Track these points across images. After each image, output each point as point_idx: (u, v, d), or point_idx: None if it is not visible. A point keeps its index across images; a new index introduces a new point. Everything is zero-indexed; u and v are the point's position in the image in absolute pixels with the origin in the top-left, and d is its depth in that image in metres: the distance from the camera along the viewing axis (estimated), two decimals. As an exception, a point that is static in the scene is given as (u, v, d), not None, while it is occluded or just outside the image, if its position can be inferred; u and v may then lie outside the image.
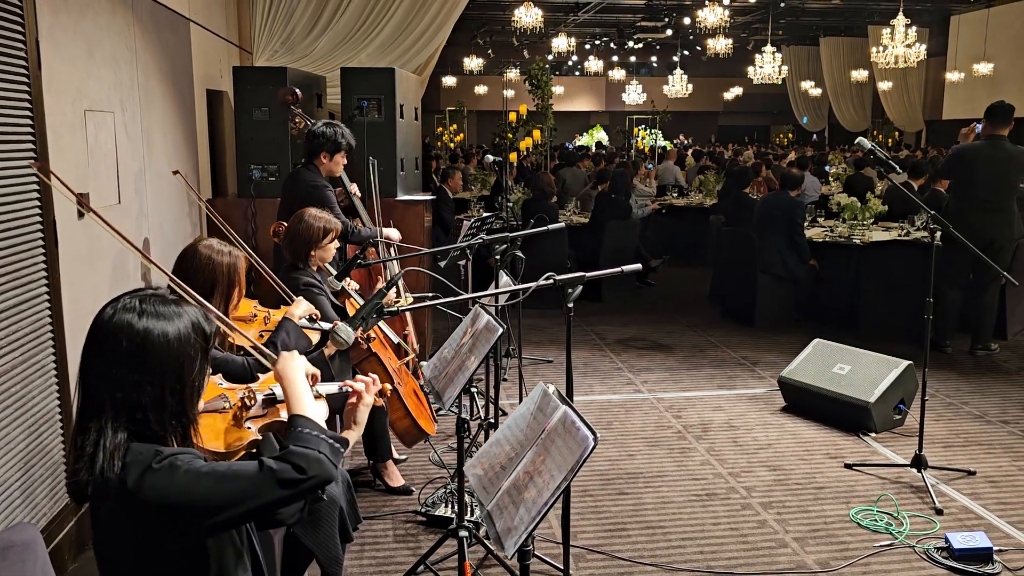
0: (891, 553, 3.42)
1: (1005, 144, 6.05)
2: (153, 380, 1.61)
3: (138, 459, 1.58)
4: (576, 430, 1.94)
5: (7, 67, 2.93)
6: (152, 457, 1.58)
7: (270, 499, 1.62)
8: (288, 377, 1.88)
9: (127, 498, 1.56)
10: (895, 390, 4.73)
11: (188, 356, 1.66)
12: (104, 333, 1.63)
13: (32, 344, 3.04)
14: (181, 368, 1.65)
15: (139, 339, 1.61)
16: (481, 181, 11.51)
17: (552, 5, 17.80)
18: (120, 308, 1.65)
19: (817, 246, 7.10)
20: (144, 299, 1.66)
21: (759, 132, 31.07)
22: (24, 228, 3.02)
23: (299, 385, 1.87)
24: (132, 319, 1.62)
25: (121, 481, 1.56)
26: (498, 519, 2.01)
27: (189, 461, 1.60)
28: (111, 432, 1.58)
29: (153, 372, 1.62)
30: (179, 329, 1.65)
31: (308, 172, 4.52)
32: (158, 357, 1.62)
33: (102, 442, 1.58)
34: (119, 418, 1.60)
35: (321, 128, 4.54)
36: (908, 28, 14.51)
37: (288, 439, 1.73)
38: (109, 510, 1.60)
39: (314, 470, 1.64)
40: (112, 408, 1.60)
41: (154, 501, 1.55)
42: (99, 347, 1.63)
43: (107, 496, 1.58)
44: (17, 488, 2.87)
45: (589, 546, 3.49)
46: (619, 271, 2.46)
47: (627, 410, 5.15)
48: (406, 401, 3.83)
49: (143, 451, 1.59)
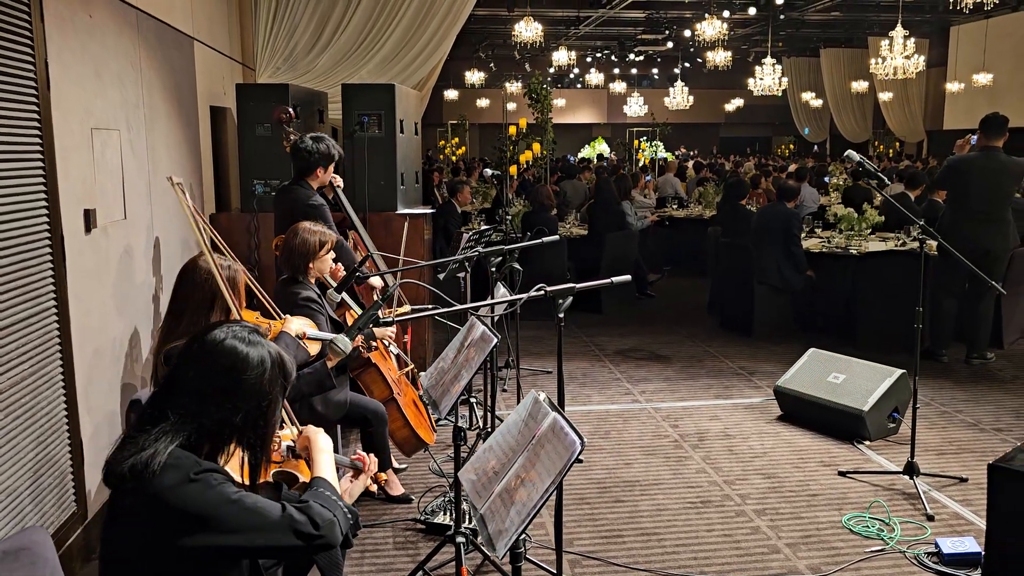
0: (882, 558, 3.48)
1: (999, 155, 6.13)
2: (241, 406, 1.74)
3: (179, 463, 1.67)
4: (564, 435, 2.01)
5: (17, 88, 3.03)
6: (192, 467, 1.68)
7: (282, 544, 1.73)
8: (318, 447, 2.07)
9: (154, 497, 1.64)
10: (889, 398, 4.80)
11: (275, 393, 1.80)
12: (210, 350, 1.75)
13: (40, 356, 3.13)
14: (269, 404, 1.79)
15: (241, 366, 1.74)
16: (483, 194, 11.61)
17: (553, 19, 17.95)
18: (231, 335, 1.78)
19: (814, 256, 7.17)
20: (252, 331, 1.81)
21: (761, 143, 31.18)
22: (33, 243, 3.12)
23: (326, 455, 2.06)
24: (239, 346, 1.76)
25: (156, 480, 1.64)
26: (490, 522, 2.08)
27: (223, 482, 1.70)
28: (172, 437, 1.69)
29: (243, 399, 1.74)
30: (269, 367, 1.79)
31: (302, 190, 4.52)
32: (251, 386, 1.75)
33: (160, 443, 1.67)
34: (186, 428, 1.70)
35: (308, 143, 4.53)
36: (907, 39, 14.61)
37: (310, 495, 1.86)
38: (132, 503, 1.67)
39: (326, 531, 1.78)
40: (189, 418, 1.71)
41: (179, 508, 1.64)
42: (201, 361, 1.75)
43: (136, 490, 1.65)
44: (27, 495, 2.95)
45: (585, 552, 3.55)
46: (609, 282, 2.54)
47: (625, 420, 5.22)
48: (405, 411, 3.90)
49: (184, 458, 1.69)
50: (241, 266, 2.90)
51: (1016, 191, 6.41)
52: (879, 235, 7.61)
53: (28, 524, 2.91)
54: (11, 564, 1.80)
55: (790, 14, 17.40)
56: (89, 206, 3.62)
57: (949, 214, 6.37)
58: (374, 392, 3.93)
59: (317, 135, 4.64)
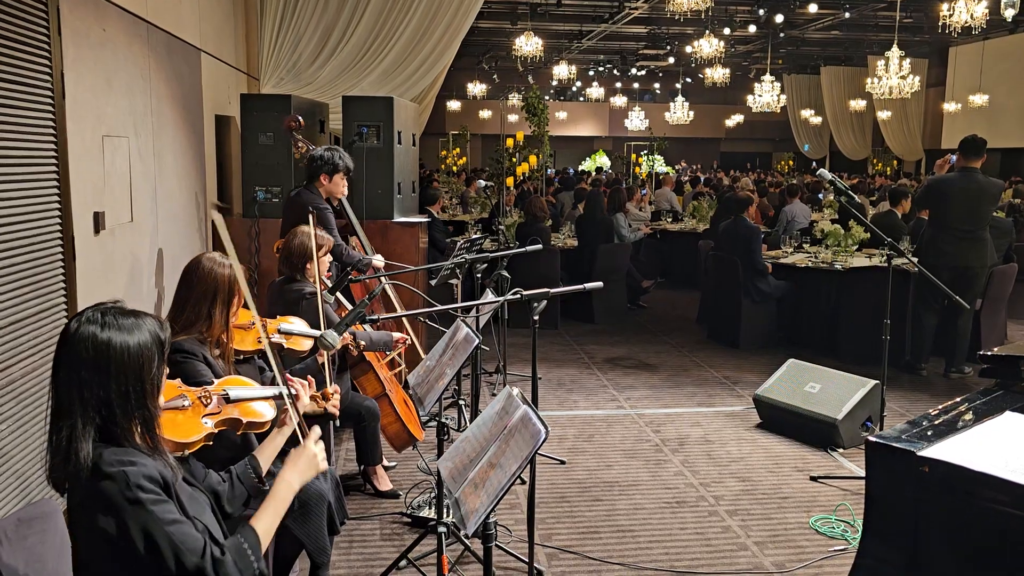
0: (844, 557, 3.66)
1: (977, 176, 6.33)
2: (116, 380, 1.82)
3: (112, 473, 1.75)
4: (532, 425, 2.20)
5: (35, 97, 3.24)
6: (123, 484, 1.75)
7: None
8: (287, 481, 2.18)
9: (91, 497, 1.76)
10: (862, 407, 4.98)
11: (147, 359, 1.86)
12: (70, 345, 1.83)
13: (50, 350, 3.31)
14: (140, 369, 1.85)
15: (103, 348, 1.81)
16: (480, 204, 11.82)
17: (556, 32, 18.23)
18: (84, 321, 1.84)
19: (800, 271, 7.37)
20: (105, 312, 1.88)
21: (761, 159, 31.46)
22: (45, 243, 3.31)
23: (286, 491, 2.16)
24: (95, 331, 1.83)
25: (89, 482, 1.76)
26: (463, 504, 2.27)
27: (156, 501, 1.77)
28: (81, 427, 1.78)
29: (115, 375, 1.82)
30: (139, 340, 1.86)
31: (309, 194, 4.80)
32: (119, 362, 1.82)
33: (73, 438, 1.77)
34: (86, 415, 1.79)
35: (321, 152, 4.84)
36: (903, 60, 14.85)
37: (233, 545, 1.93)
38: (78, 502, 1.80)
39: None
40: (80, 405, 1.80)
41: (113, 527, 1.75)
42: (67, 357, 1.83)
43: (76, 490, 1.79)
44: (36, 480, 3.14)
45: (562, 547, 3.73)
46: (581, 288, 2.73)
47: (608, 424, 5.40)
48: (396, 407, 4.10)
49: (112, 463, 1.77)
50: (242, 265, 3.07)
51: (994, 210, 6.60)
52: (865, 251, 7.80)
53: (35, 505, 3.09)
54: (25, 531, 1.99)
55: (790, 32, 17.66)
56: (98, 209, 3.82)
57: (929, 231, 6.57)
58: (367, 389, 4.13)
59: (331, 147, 4.94)
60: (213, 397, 2.32)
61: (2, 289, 2.98)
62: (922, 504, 2.06)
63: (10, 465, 2.97)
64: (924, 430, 2.23)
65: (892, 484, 2.06)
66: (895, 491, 2.03)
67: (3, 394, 2.95)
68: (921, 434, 2.18)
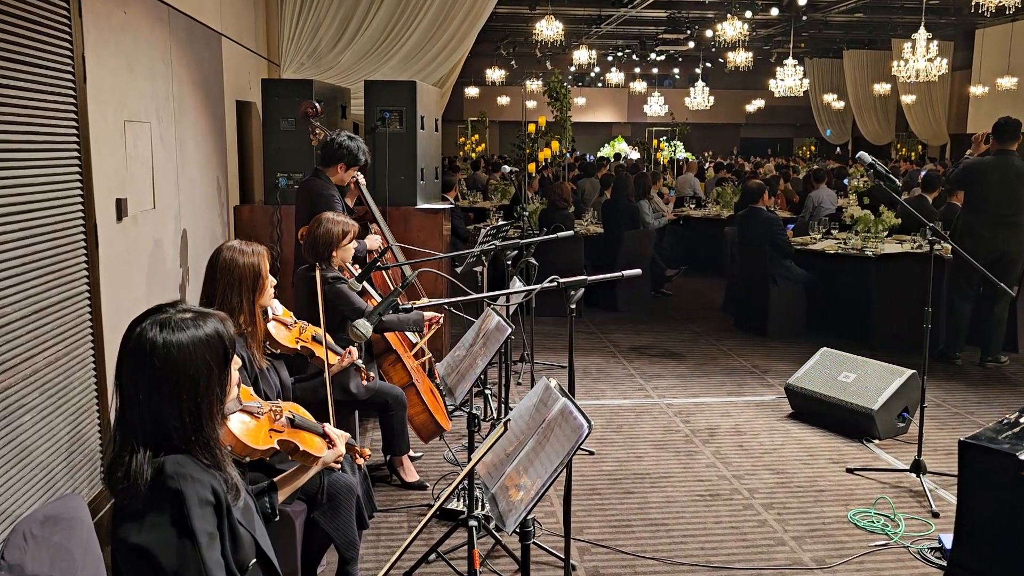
0: (885, 552, 3.55)
1: (1014, 159, 6.16)
2: (172, 403, 1.72)
3: (169, 493, 1.68)
4: (573, 419, 2.11)
5: (56, 81, 3.16)
6: (179, 506, 1.68)
7: None
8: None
9: (145, 510, 1.69)
10: (899, 398, 4.85)
11: (204, 371, 1.75)
12: (134, 350, 1.73)
13: (73, 339, 3.26)
14: (196, 386, 1.74)
15: (163, 353, 1.71)
16: (502, 191, 11.71)
17: (574, 17, 18.02)
18: (147, 324, 1.75)
19: (830, 258, 7.22)
20: (168, 314, 1.77)
21: (782, 144, 31.07)
22: (68, 230, 3.24)
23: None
24: (157, 335, 1.72)
25: (146, 494, 1.68)
26: (501, 500, 2.19)
27: (206, 549, 1.68)
28: (143, 453, 1.71)
29: (173, 394, 1.72)
30: (203, 342, 1.75)
31: (318, 181, 4.63)
32: (176, 376, 1.72)
33: (134, 462, 1.69)
34: (148, 442, 1.72)
35: (344, 140, 4.64)
36: (930, 42, 14.56)
37: None
38: (129, 507, 1.70)
39: None
40: (143, 433, 1.72)
41: (153, 532, 1.68)
42: (129, 361, 1.74)
43: (131, 496, 1.70)
44: (61, 471, 3.09)
45: (595, 540, 3.65)
46: (620, 276, 2.63)
47: (637, 415, 5.30)
48: (424, 397, 4.02)
49: (174, 480, 1.69)
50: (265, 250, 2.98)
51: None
52: (896, 237, 7.63)
53: (60, 498, 3.04)
54: (52, 527, 1.92)
55: (813, 15, 17.36)
56: (121, 195, 3.76)
57: (964, 216, 6.41)
58: (394, 378, 4.06)
59: (353, 136, 4.74)
60: (283, 416, 2.33)
61: (25, 277, 2.91)
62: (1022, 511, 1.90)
63: (34, 458, 2.91)
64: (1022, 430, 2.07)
65: (989, 489, 1.91)
66: (992, 496, 1.91)
67: (26, 384, 2.88)
68: (1021, 434, 2.03)
